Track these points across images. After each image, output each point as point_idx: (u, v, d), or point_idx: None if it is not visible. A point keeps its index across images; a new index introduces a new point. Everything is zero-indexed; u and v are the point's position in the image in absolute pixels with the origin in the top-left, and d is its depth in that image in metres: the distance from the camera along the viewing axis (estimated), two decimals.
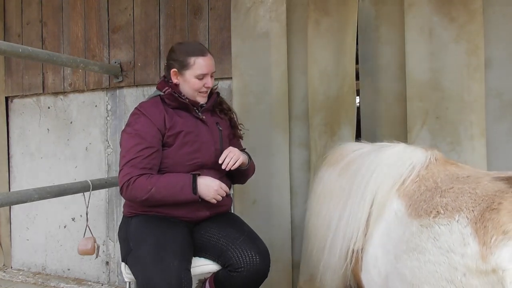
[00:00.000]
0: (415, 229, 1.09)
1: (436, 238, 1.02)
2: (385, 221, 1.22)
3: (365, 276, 1.28)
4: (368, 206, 1.27)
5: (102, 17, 2.84)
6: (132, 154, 1.66)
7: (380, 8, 2.12)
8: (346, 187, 1.40)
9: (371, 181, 1.29)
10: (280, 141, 2.25)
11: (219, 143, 1.83)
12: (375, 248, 1.24)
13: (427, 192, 1.16)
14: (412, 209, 1.15)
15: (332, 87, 2.15)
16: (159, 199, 1.64)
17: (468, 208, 1.01)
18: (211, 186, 1.66)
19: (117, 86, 2.81)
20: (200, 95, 1.81)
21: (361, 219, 1.28)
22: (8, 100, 3.24)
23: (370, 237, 1.26)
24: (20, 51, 2.04)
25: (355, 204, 1.32)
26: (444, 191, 1.11)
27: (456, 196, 1.07)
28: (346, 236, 1.32)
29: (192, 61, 1.74)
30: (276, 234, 2.23)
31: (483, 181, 1.09)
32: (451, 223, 1.01)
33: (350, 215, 1.32)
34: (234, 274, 1.65)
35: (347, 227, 1.32)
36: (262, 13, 2.29)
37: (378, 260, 1.21)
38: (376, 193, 1.27)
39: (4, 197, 1.89)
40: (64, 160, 3.03)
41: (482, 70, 1.88)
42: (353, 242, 1.29)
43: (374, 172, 1.30)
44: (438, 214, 1.06)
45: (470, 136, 1.89)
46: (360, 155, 1.45)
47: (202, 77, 1.76)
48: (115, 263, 2.87)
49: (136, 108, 1.78)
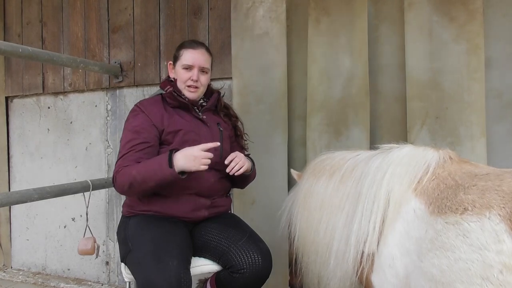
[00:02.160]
0: (440, 226, 1.08)
1: (466, 235, 1.01)
2: (403, 220, 1.21)
3: (378, 278, 1.26)
4: (383, 207, 1.26)
5: (102, 17, 2.84)
6: (125, 150, 1.68)
7: (379, 7, 2.12)
8: (351, 191, 1.37)
9: (384, 182, 1.27)
10: (280, 141, 2.25)
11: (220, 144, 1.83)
12: (390, 248, 1.22)
13: (448, 190, 1.14)
14: (434, 206, 1.14)
15: (333, 87, 2.14)
16: (141, 181, 1.58)
17: (499, 205, 1.00)
18: (190, 153, 1.56)
19: (117, 86, 2.81)
20: (188, 89, 1.80)
21: (376, 221, 1.26)
22: (8, 100, 3.24)
23: (384, 238, 1.24)
24: (20, 51, 2.04)
25: (367, 207, 1.29)
26: (467, 188, 1.10)
27: (482, 193, 1.06)
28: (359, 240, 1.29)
29: (182, 53, 1.82)
30: (274, 235, 2.23)
31: (506, 178, 1.08)
32: (481, 220, 1.00)
33: (362, 218, 1.30)
34: (236, 275, 1.65)
35: (359, 232, 1.29)
36: (262, 13, 2.29)
37: (396, 260, 1.20)
38: (391, 193, 1.25)
39: (4, 197, 1.90)
40: (64, 160, 3.03)
41: (482, 70, 1.87)
42: (368, 245, 1.27)
43: (387, 173, 1.28)
44: (466, 211, 1.04)
45: (470, 136, 1.89)
46: (363, 160, 1.42)
47: (187, 67, 1.79)
48: (115, 263, 2.87)
49: (136, 105, 1.80)
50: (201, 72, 1.81)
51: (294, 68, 2.28)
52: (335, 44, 2.13)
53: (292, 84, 2.28)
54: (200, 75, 1.80)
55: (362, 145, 2.05)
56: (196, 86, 1.81)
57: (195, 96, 1.83)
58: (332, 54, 2.13)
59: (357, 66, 2.08)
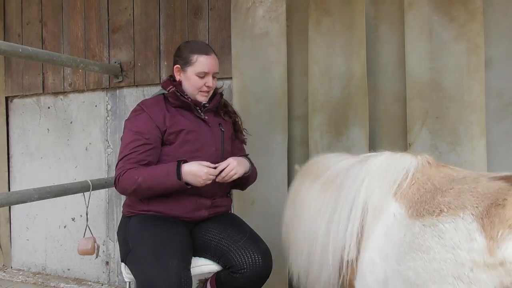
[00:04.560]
0: (417, 229, 1.10)
1: (441, 236, 1.03)
2: (383, 225, 1.22)
3: (360, 284, 1.28)
4: (360, 215, 1.27)
5: (102, 17, 2.84)
6: (128, 150, 1.68)
7: (379, 7, 2.12)
8: (331, 201, 1.39)
9: (362, 189, 1.29)
10: (279, 141, 2.25)
11: (220, 144, 1.84)
12: (371, 253, 1.23)
13: (427, 194, 1.17)
14: (413, 210, 1.16)
15: (334, 87, 2.14)
16: (146, 188, 1.63)
17: (472, 205, 1.03)
18: (199, 175, 1.62)
19: (117, 86, 2.81)
20: (201, 94, 1.81)
21: (354, 228, 1.27)
22: (8, 100, 3.24)
23: (365, 244, 1.25)
24: (20, 51, 2.04)
25: (344, 216, 1.31)
26: (445, 191, 1.13)
27: (458, 195, 1.08)
28: (337, 248, 1.31)
29: (195, 58, 1.76)
30: (274, 235, 2.23)
31: (481, 180, 1.11)
32: (456, 220, 1.02)
33: (339, 226, 1.32)
34: (237, 275, 1.65)
35: (337, 239, 1.31)
36: (262, 13, 2.29)
37: (376, 265, 1.21)
38: (369, 200, 1.27)
39: (4, 197, 1.89)
40: (64, 160, 3.03)
41: (482, 70, 1.87)
42: (347, 253, 1.28)
43: (364, 181, 1.31)
44: (442, 212, 1.07)
45: (470, 136, 1.89)
46: (344, 168, 1.44)
47: (203, 75, 1.77)
48: (115, 263, 2.87)
49: (138, 105, 1.79)
50: (213, 77, 1.81)
51: (295, 68, 2.28)
52: (336, 44, 2.13)
53: (292, 84, 2.29)
54: (212, 79, 1.81)
55: (361, 145, 2.05)
56: (209, 90, 1.82)
57: (206, 99, 1.84)
58: (332, 54, 2.13)
59: (356, 66, 2.08)
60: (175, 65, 1.81)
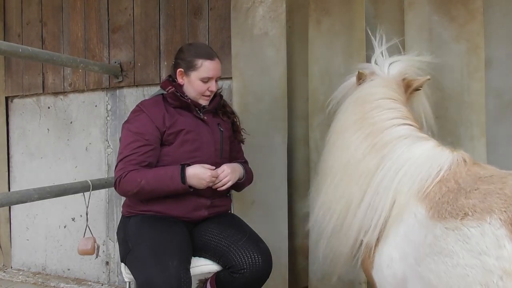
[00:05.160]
0: (439, 232, 1.06)
1: (466, 241, 0.99)
2: (404, 223, 1.19)
3: (377, 275, 1.26)
4: (390, 205, 1.24)
5: (102, 17, 2.84)
6: (128, 151, 1.68)
7: (379, 7, 2.11)
8: (371, 172, 1.32)
9: (395, 180, 1.25)
10: (279, 141, 2.24)
11: (220, 144, 1.84)
12: (390, 249, 1.21)
13: (449, 194, 1.12)
14: (434, 211, 1.12)
15: (334, 87, 2.13)
16: (149, 191, 1.65)
17: (500, 209, 0.98)
18: (203, 178, 1.65)
19: (117, 86, 2.81)
20: (203, 98, 1.81)
21: (381, 216, 1.24)
22: (8, 100, 3.24)
23: (385, 237, 1.23)
24: (20, 51, 2.03)
25: (376, 198, 1.27)
26: (469, 192, 1.08)
27: (484, 197, 1.04)
28: (362, 226, 1.28)
29: (200, 63, 1.75)
30: (273, 236, 2.23)
31: (509, 181, 1.06)
32: (482, 225, 0.98)
33: (369, 207, 1.28)
34: (237, 275, 1.65)
35: (364, 218, 1.28)
36: (262, 13, 2.29)
37: (394, 262, 1.19)
38: (398, 194, 1.24)
39: (4, 197, 1.89)
40: (64, 160, 3.03)
41: (482, 69, 1.87)
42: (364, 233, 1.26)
43: (400, 172, 1.26)
44: (466, 216, 1.02)
45: (470, 136, 1.89)
46: (395, 138, 1.33)
47: (207, 80, 1.77)
48: (115, 263, 2.87)
49: (138, 105, 1.79)
50: (215, 80, 1.82)
51: (295, 68, 2.28)
52: (336, 44, 2.12)
53: (293, 84, 2.28)
54: (215, 83, 1.81)
55: None
56: (211, 95, 1.83)
57: (208, 103, 1.84)
58: (333, 54, 2.13)
59: (356, 66, 2.07)
60: (177, 68, 1.79)
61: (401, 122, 1.38)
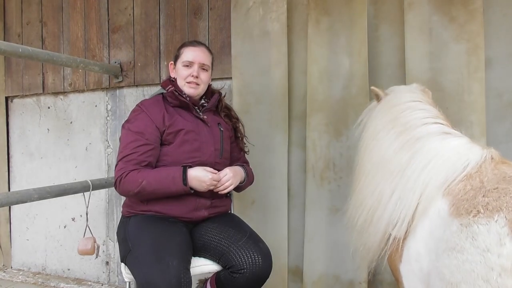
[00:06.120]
0: (455, 228, 1.08)
1: (474, 237, 1.02)
2: (429, 218, 1.21)
3: (405, 268, 1.28)
4: (417, 199, 1.25)
5: (102, 17, 2.84)
6: (128, 150, 1.68)
7: (379, 7, 2.11)
8: (404, 164, 1.33)
9: (424, 174, 1.27)
10: (279, 141, 2.24)
11: (220, 143, 1.84)
12: (417, 244, 1.23)
13: (471, 191, 1.14)
14: (454, 208, 1.14)
15: (333, 87, 2.14)
16: (150, 192, 1.65)
17: (508, 208, 1.00)
18: (204, 181, 1.67)
19: (117, 86, 2.81)
20: (188, 85, 1.82)
21: (409, 210, 1.26)
22: (8, 100, 3.24)
23: (413, 231, 1.25)
24: (20, 51, 2.04)
25: (406, 191, 1.28)
26: (488, 191, 1.10)
27: (499, 196, 1.05)
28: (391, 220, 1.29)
29: (182, 51, 1.84)
30: (273, 236, 2.23)
31: None
32: (489, 223, 1.00)
33: (398, 200, 1.30)
34: (237, 275, 1.65)
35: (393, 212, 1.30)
36: (262, 13, 2.29)
37: (421, 256, 1.21)
38: (426, 189, 1.25)
39: (4, 197, 1.89)
40: (64, 160, 3.03)
41: (482, 70, 1.87)
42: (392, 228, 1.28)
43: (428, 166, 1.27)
44: (478, 213, 1.04)
45: (470, 136, 1.84)
46: (426, 134, 1.35)
47: (188, 64, 1.81)
48: (115, 263, 2.87)
49: (138, 105, 1.81)
50: (202, 69, 1.82)
51: (294, 68, 2.28)
52: (335, 44, 2.12)
53: (293, 84, 2.28)
54: (201, 72, 1.82)
55: None
56: (197, 83, 1.82)
57: (195, 93, 1.83)
58: (332, 54, 2.13)
59: (357, 66, 2.08)
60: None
61: (432, 121, 1.40)
